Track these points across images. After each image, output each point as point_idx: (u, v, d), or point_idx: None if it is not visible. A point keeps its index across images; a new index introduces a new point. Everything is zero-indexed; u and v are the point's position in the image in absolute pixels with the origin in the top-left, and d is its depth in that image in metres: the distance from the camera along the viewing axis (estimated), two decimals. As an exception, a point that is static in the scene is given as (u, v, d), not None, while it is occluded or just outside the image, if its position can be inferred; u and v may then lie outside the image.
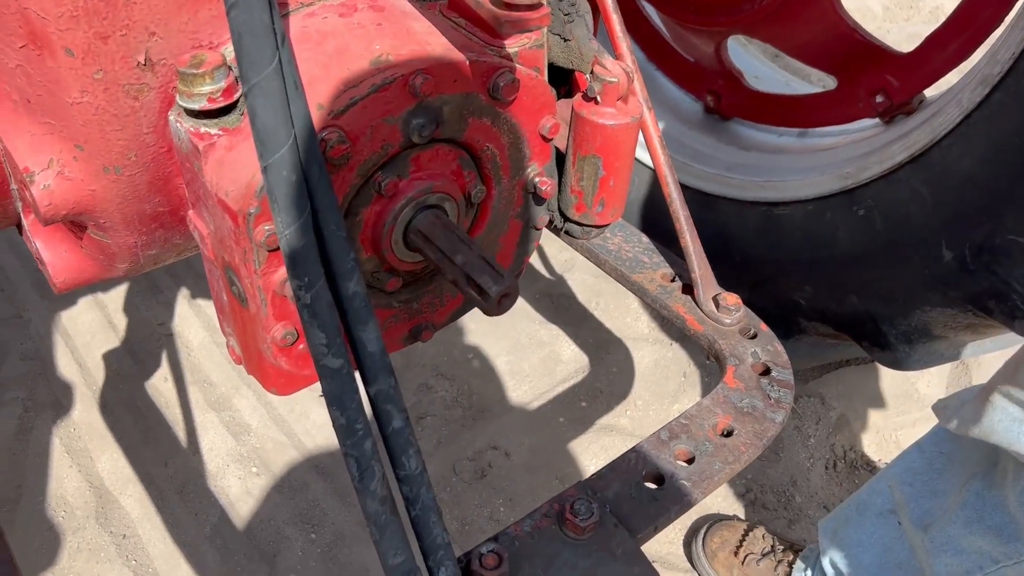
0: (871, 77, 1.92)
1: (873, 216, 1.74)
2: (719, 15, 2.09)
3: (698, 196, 2.08)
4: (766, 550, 1.89)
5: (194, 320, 2.43)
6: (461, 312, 1.09)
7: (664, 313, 1.29)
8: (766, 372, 1.19)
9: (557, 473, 2.15)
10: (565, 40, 1.12)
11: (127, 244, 0.94)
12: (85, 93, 0.80)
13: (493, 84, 0.89)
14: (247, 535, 1.99)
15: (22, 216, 0.99)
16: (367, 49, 0.84)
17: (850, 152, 1.91)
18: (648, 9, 2.28)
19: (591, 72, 1.04)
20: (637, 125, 1.07)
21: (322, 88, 0.81)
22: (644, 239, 1.37)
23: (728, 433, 1.11)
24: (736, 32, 2.16)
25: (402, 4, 0.93)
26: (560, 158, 1.10)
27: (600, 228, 1.18)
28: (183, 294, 2.50)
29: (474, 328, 2.45)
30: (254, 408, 2.24)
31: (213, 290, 0.95)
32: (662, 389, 2.34)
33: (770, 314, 1.37)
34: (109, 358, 2.33)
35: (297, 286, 0.65)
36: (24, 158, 0.85)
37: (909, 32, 3.48)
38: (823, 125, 2.09)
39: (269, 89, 0.59)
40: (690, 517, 2.07)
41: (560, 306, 2.55)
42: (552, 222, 1.18)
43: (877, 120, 1.96)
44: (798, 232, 1.91)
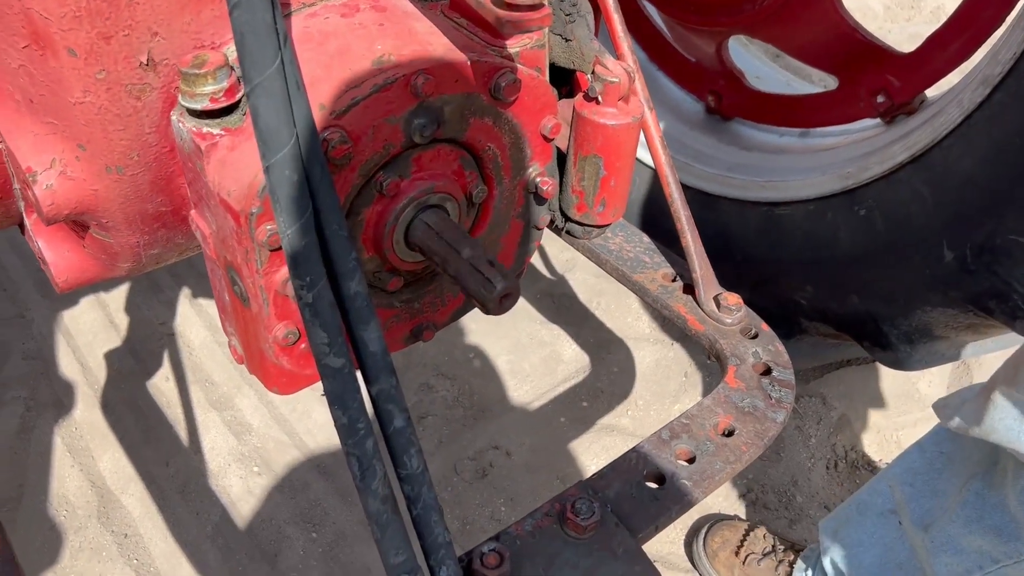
0: (872, 77, 1.92)
1: (874, 216, 1.74)
2: (720, 15, 2.09)
3: (699, 196, 2.08)
4: (767, 550, 1.89)
5: (196, 319, 2.43)
6: (462, 312, 1.09)
7: (665, 313, 1.29)
8: (767, 372, 1.19)
9: (558, 473, 2.15)
10: (566, 40, 1.12)
11: (129, 244, 0.94)
12: (88, 93, 0.80)
13: (495, 84, 0.89)
14: (248, 534, 1.99)
15: (24, 216, 0.99)
16: (369, 49, 0.84)
17: (851, 152, 1.91)
18: (649, 9, 2.28)
19: (592, 72, 1.04)
20: (638, 125, 1.07)
21: (324, 88, 0.81)
22: (645, 239, 1.37)
23: (729, 433, 1.11)
24: (737, 32, 2.16)
25: (404, 4, 0.93)
26: (561, 158, 1.10)
27: (601, 228, 1.18)
28: (185, 293, 2.51)
29: (475, 328, 2.45)
30: (256, 407, 2.24)
31: (215, 289, 0.96)
32: (663, 389, 2.34)
33: (771, 314, 1.37)
34: (111, 357, 2.33)
35: (299, 286, 0.65)
36: (27, 158, 0.85)
37: (910, 32, 3.47)
38: (824, 125, 2.09)
39: (271, 89, 0.59)
40: (691, 517, 2.07)
41: (561, 306, 2.55)
42: (553, 222, 1.18)
43: (878, 120, 1.96)
44: (799, 232, 1.91)
